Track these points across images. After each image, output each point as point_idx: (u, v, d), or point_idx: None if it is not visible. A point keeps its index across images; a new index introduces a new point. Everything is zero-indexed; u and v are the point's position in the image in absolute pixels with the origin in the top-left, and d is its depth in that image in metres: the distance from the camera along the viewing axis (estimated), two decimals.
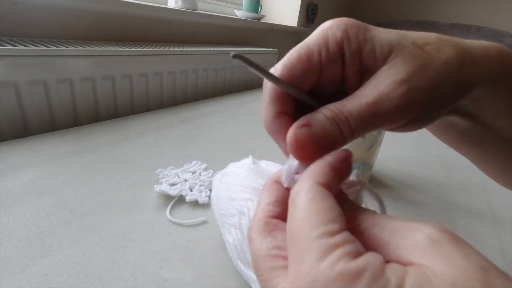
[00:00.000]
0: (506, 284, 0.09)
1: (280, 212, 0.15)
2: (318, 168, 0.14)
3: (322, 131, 0.14)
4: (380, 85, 0.14)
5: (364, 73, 0.16)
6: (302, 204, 0.12)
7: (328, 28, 0.16)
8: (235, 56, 0.14)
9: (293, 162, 0.16)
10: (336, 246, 0.11)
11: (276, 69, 0.17)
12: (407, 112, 0.14)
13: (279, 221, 0.15)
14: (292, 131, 0.15)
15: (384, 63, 0.15)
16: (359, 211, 0.14)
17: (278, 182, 0.17)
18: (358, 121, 0.14)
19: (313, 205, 0.12)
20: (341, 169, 0.14)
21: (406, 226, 0.12)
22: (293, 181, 0.16)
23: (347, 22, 0.16)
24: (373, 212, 0.14)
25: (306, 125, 0.15)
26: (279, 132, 0.16)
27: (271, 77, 0.15)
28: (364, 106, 0.14)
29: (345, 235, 0.11)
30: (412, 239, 0.11)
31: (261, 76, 0.15)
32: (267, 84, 0.17)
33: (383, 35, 0.15)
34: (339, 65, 0.16)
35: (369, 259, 0.10)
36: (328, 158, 0.14)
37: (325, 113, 0.15)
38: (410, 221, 0.12)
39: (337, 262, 0.10)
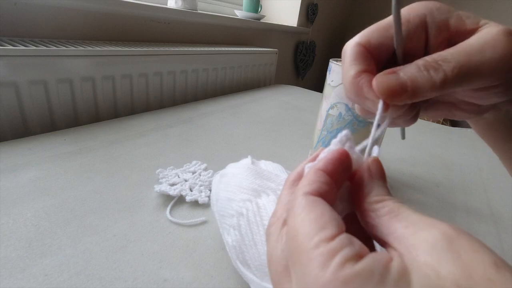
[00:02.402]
0: None
1: None
2: (306, 179, 0.14)
3: (410, 78, 0.14)
4: (484, 37, 0.14)
5: (455, 42, 0.15)
6: (294, 220, 0.12)
7: (408, 7, 0.17)
8: None
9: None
10: (335, 252, 0.11)
11: (355, 37, 0.17)
12: (509, 67, 0.14)
13: None
14: (377, 76, 0.15)
15: (476, 30, 0.15)
16: (387, 195, 0.14)
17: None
18: (455, 68, 0.14)
19: (304, 217, 0.12)
20: (334, 171, 0.14)
21: (424, 221, 0.12)
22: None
23: (429, 1, 0.16)
24: (397, 200, 0.14)
25: (393, 72, 0.15)
26: (360, 90, 0.16)
27: (397, 11, 0.15)
28: (463, 53, 0.14)
29: (341, 238, 0.11)
30: (426, 235, 0.11)
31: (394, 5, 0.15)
32: (347, 49, 0.17)
33: (465, 12, 0.16)
34: (421, 38, 0.16)
35: (372, 261, 0.10)
36: (317, 164, 0.14)
37: (417, 63, 0.15)
38: (428, 217, 0.12)
39: (340, 269, 0.10)
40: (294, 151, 0.53)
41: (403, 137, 0.24)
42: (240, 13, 1.09)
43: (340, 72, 0.39)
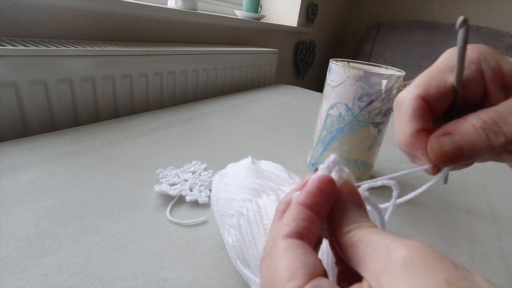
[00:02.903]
0: None
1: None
2: (286, 217, 0.14)
3: (467, 142, 0.14)
4: None
5: (510, 89, 0.15)
6: (272, 263, 0.13)
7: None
8: (464, 22, 0.13)
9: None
10: None
11: (410, 88, 0.17)
12: None
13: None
14: (432, 140, 0.15)
15: None
16: (357, 222, 0.14)
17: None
18: None
19: (278, 264, 0.12)
20: (313, 203, 0.14)
21: (386, 244, 0.12)
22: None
23: (479, 46, 0.16)
24: (371, 226, 0.14)
25: (448, 133, 0.15)
26: (415, 150, 0.16)
27: (462, 56, 0.15)
28: None
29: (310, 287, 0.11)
30: (386, 261, 0.11)
31: (459, 50, 0.14)
32: (405, 101, 0.17)
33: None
34: (479, 84, 0.16)
35: None
36: (297, 198, 0.14)
37: (473, 122, 0.14)
38: (393, 239, 0.12)
39: None
40: (294, 151, 0.53)
41: (446, 181, 0.21)
42: (240, 13, 1.09)
43: (340, 72, 0.39)
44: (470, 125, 0.14)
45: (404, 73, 0.40)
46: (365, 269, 0.12)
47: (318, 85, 1.90)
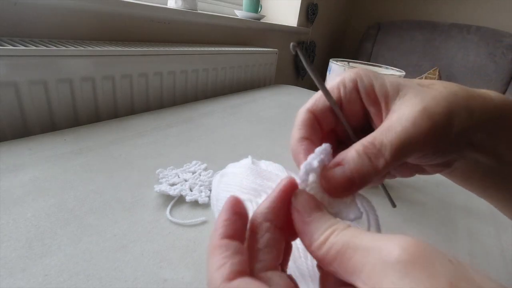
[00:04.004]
0: None
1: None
2: (214, 265, 0.13)
3: (356, 170, 0.15)
4: (404, 115, 0.16)
5: (381, 107, 0.18)
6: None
7: (344, 74, 0.19)
8: (294, 47, 0.15)
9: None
10: None
11: (307, 103, 0.19)
12: (432, 137, 0.15)
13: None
14: (326, 173, 0.16)
15: (397, 97, 0.17)
16: (328, 228, 0.13)
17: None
18: (392, 152, 0.15)
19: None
20: (233, 232, 0.14)
21: (377, 246, 0.11)
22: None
23: (360, 69, 0.19)
24: (347, 227, 0.13)
25: (339, 163, 0.15)
26: (299, 154, 0.18)
27: (319, 81, 0.17)
28: (394, 135, 0.15)
29: None
30: (383, 267, 0.11)
31: (312, 76, 0.16)
32: (298, 113, 0.19)
33: (389, 77, 0.18)
34: (358, 102, 0.18)
35: None
36: (215, 233, 0.14)
37: (356, 148, 0.16)
38: (382, 239, 0.11)
39: None
40: None
41: (394, 205, 0.22)
42: (240, 13, 1.09)
43: (340, 72, 0.39)
44: (354, 152, 0.15)
45: (404, 73, 0.40)
46: (360, 279, 0.11)
47: None
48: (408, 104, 0.16)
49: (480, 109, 0.16)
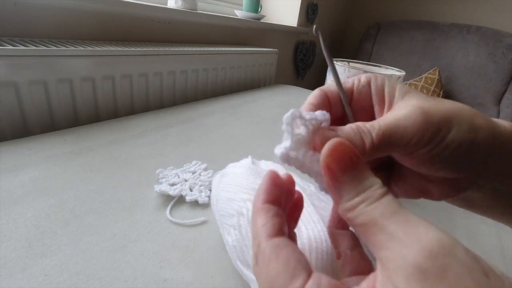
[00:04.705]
0: None
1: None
2: (260, 217, 0.15)
3: (346, 137, 0.16)
4: (400, 109, 0.17)
5: (385, 106, 0.19)
6: (265, 270, 0.13)
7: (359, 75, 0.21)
8: (317, 29, 0.18)
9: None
10: None
11: (315, 91, 0.20)
12: (423, 132, 0.16)
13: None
14: (319, 129, 0.17)
15: (400, 100, 0.18)
16: (361, 192, 0.13)
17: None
18: (379, 134, 0.16)
19: (273, 267, 0.12)
20: (274, 198, 0.15)
21: (401, 238, 0.11)
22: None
23: (372, 74, 0.21)
24: (381, 198, 0.12)
25: (332, 129, 0.17)
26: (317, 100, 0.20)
27: (332, 66, 0.19)
28: (384, 122, 0.17)
29: (311, 284, 0.11)
30: (401, 264, 0.10)
31: (328, 60, 0.19)
32: (313, 91, 0.21)
33: (401, 85, 0.19)
34: (368, 97, 0.20)
35: None
36: (257, 198, 0.16)
37: (351, 125, 0.17)
38: (409, 229, 0.11)
39: None
40: None
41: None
42: (240, 13, 1.09)
43: (341, 73, 0.39)
44: (348, 126, 0.17)
45: (404, 73, 0.40)
46: (378, 255, 0.11)
47: (318, 85, 1.89)
48: (408, 104, 0.17)
49: (487, 129, 0.16)
